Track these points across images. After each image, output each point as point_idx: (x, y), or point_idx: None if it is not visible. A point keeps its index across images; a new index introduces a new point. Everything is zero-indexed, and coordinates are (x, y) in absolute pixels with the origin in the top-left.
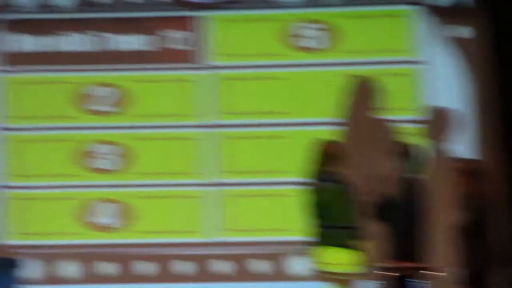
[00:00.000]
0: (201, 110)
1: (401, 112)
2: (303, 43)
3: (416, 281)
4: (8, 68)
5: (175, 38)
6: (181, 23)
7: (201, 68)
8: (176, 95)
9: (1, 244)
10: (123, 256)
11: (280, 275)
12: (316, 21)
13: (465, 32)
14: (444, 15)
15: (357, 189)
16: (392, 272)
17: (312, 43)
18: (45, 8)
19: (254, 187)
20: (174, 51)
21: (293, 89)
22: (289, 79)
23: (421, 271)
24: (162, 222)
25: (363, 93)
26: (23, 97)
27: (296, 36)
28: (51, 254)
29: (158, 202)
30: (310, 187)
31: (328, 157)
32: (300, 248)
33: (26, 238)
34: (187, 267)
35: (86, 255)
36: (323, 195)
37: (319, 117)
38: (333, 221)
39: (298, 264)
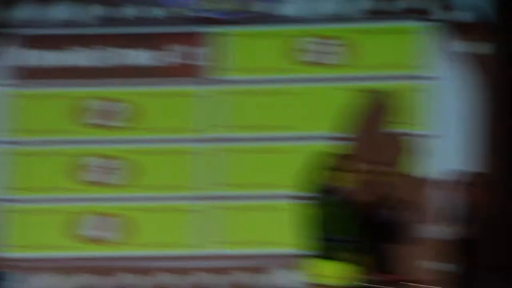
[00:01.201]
0: (204, 123)
1: (413, 127)
2: (315, 58)
3: None
4: (16, 82)
5: (185, 53)
6: (191, 39)
7: (212, 82)
8: (180, 110)
9: None
10: (115, 269)
11: None
12: (328, 37)
13: (484, 48)
14: (464, 31)
15: (360, 202)
16: (380, 285)
17: (323, 58)
18: (54, 23)
19: (248, 200)
20: (183, 66)
21: (303, 103)
22: (299, 94)
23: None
24: (156, 235)
25: (376, 108)
26: (26, 111)
27: (307, 51)
28: (41, 267)
29: (153, 216)
30: (310, 200)
31: (334, 171)
32: (290, 261)
33: (22, 251)
34: (176, 280)
35: (78, 268)
36: (323, 208)
37: (325, 132)
38: (331, 234)
39: (287, 277)
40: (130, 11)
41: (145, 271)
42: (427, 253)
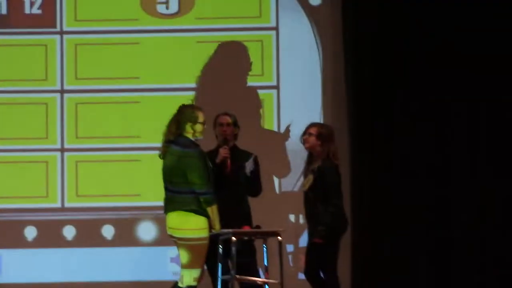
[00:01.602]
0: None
1: (254, 78)
2: (157, 8)
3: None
4: None
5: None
6: None
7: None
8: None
9: None
10: None
11: (130, 240)
12: None
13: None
14: None
15: (210, 155)
16: (234, 236)
17: (163, 10)
18: None
19: (109, 152)
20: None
21: (146, 54)
22: (141, 44)
23: (259, 235)
24: (14, 187)
25: (222, 59)
26: None
27: (151, 2)
28: None
29: (10, 168)
30: (164, 151)
31: (184, 122)
32: (152, 213)
33: None
34: (39, 232)
35: None
36: (174, 160)
37: (173, 83)
38: (182, 186)
39: (148, 230)
40: None
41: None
42: (281, 205)
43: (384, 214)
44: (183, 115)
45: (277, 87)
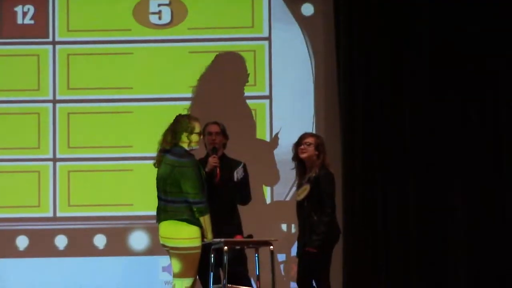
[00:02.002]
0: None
1: (246, 88)
2: (150, 19)
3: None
4: None
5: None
6: None
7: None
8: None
9: None
10: None
11: (122, 250)
12: None
13: (309, 9)
14: None
15: (204, 164)
16: (226, 245)
17: (156, 20)
18: None
19: (101, 162)
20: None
21: (138, 64)
22: (134, 54)
23: (251, 244)
24: (6, 197)
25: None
26: None
27: (139, 12)
28: None
29: (1, 177)
30: (158, 161)
31: (180, 132)
32: (144, 223)
33: None
34: (31, 242)
35: None
36: (168, 169)
37: (166, 93)
38: (175, 195)
39: (140, 239)
40: None
41: (2, 233)
42: (273, 215)
43: (376, 221)
44: (179, 125)
45: (269, 97)
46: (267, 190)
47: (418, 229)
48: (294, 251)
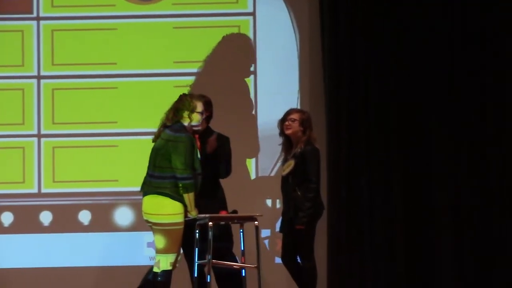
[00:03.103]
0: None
1: None
2: None
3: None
4: None
5: None
6: None
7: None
8: None
9: None
10: None
11: (107, 226)
12: None
13: None
14: None
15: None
16: (211, 221)
17: None
18: None
19: (86, 138)
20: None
21: (123, 40)
22: (118, 29)
23: (236, 220)
24: None
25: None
26: None
27: None
28: None
29: None
30: (156, 136)
31: (181, 110)
32: (129, 198)
33: None
34: (16, 218)
35: None
36: (162, 143)
37: (151, 69)
38: (164, 170)
39: (125, 215)
40: None
41: None
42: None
43: (361, 195)
44: (181, 103)
45: (254, 73)
46: (251, 165)
47: (404, 198)
48: (278, 226)
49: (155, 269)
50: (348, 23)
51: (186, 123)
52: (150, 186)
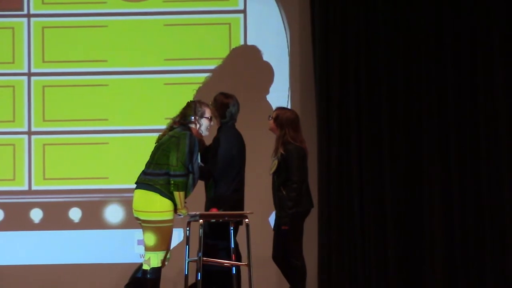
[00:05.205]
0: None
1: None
2: None
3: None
4: None
5: None
6: None
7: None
8: None
9: None
10: None
11: (97, 223)
12: None
13: None
14: None
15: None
16: (202, 219)
17: None
18: None
19: (76, 135)
20: None
21: (113, 37)
22: (109, 27)
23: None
24: None
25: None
26: None
27: None
28: None
29: None
30: (161, 135)
31: (189, 114)
32: (119, 196)
33: None
34: (6, 215)
35: None
36: (166, 138)
37: (141, 66)
38: (160, 167)
39: (115, 212)
40: None
41: None
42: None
43: (351, 191)
44: (189, 109)
45: None
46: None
47: (393, 193)
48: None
49: (145, 267)
50: (339, 21)
51: (194, 127)
52: (142, 182)
